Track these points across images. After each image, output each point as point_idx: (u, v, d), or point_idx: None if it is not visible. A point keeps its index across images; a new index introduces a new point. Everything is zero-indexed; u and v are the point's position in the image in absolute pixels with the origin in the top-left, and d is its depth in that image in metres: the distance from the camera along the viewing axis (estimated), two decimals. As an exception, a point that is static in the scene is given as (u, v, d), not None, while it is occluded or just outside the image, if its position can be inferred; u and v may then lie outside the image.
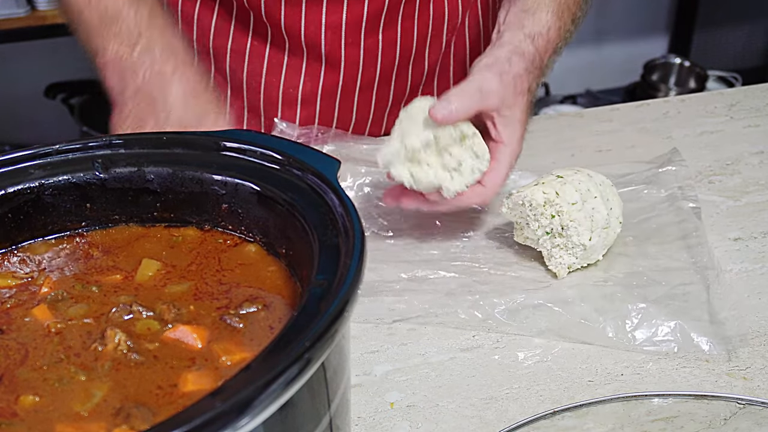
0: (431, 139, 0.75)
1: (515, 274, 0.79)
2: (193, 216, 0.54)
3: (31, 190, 0.52)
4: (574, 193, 0.77)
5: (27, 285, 0.50)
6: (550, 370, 0.68)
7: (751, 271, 0.79)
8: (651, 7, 3.05)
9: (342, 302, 0.38)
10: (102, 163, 0.53)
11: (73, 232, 0.54)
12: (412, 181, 0.77)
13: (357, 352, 0.70)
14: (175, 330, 0.45)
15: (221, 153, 0.53)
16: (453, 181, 0.76)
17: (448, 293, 0.76)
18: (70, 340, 0.45)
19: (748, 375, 0.66)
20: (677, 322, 0.70)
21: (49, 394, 0.41)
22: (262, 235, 0.52)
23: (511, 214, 0.80)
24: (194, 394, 0.41)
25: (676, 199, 0.86)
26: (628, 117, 1.10)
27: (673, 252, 0.80)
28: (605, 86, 2.97)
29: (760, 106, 1.11)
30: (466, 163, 0.76)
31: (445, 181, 0.76)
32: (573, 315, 0.72)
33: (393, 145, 0.76)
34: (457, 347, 0.71)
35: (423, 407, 0.65)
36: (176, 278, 0.50)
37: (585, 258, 0.78)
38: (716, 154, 0.99)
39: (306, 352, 0.35)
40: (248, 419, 0.33)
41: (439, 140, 0.75)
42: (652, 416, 0.60)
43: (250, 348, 0.44)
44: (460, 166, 0.76)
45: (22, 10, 2.13)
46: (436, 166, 0.76)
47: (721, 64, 2.96)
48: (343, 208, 0.45)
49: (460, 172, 0.76)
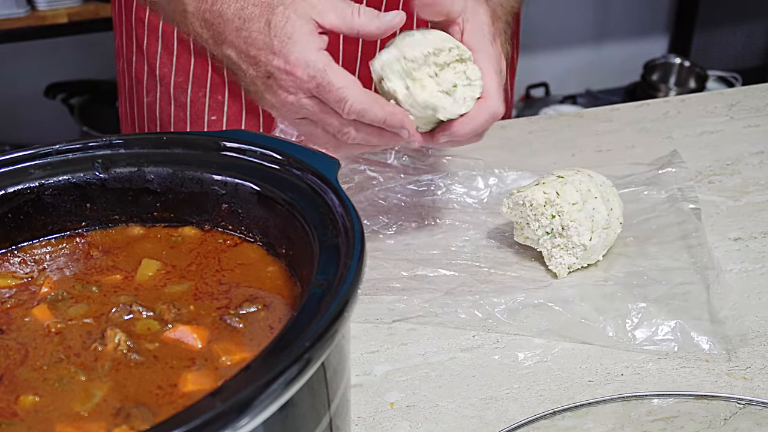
0: (431, 53, 0.71)
1: (515, 273, 0.79)
2: (193, 216, 0.54)
3: (31, 190, 0.52)
4: (574, 193, 0.77)
5: (27, 285, 0.50)
6: (550, 370, 0.68)
7: (751, 271, 0.79)
8: (651, 7, 3.06)
9: (342, 302, 0.38)
10: (102, 163, 0.53)
11: (73, 232, 0.54)
12: (408, 95, 0.71)
13: (357, 352, 0.70)
14: (175, 330, 0.45)
15: (221, 153, 0.53)
16: (449, 102, 0.72)
17: (448, 292, 0.76)
18: (70, 340, 0.45)
19: (748, 375, 0.66)
20: (677, 321, 0.70)
21: (49, 394, 0.41)
22: (262, 235, 0.52)
23: (512, 214, 0.80)
24: (194, 394, 0.41)
25: (676, 201, 0.86)
26: (628, 117, 1.11)
27: (674, 252, 0.80)
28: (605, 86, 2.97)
29: (760, 106, 1.11)
30: (460, 87, 0.73)
31: (442, 100, 0.72)
32: (573, 314, 0.73)
33: (390, 53, 0.71)
34: (457, 347, 0.71)
35: (423, 407, 0.65)
36: (176, 278, 0.50)
37: (585, 258, 0.78)
38: (716, 154, 1.00)
39: (306, 352, 0.35)
40: (248, 419, 0.33)
41: (438, 56, 0.72)
42: (652, 416, 0.60)
43: (250, 348, 0.44)
44: (455, 89, 0.73)
45: (22, 10, 2.13)
46: (432, 87, 0.72)
47: (721, 64, 2.96)
48: (343, 208, 0.45)
49: (454, 98, 0.73)
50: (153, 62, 1.02)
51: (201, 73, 1.00)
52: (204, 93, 1.01)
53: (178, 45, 1.00)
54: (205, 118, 1.02)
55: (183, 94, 1.02)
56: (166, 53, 1.01)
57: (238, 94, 1.00)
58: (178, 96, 1.02)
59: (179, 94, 1.02)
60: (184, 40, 0.99)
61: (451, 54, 0.72)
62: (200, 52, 0.99)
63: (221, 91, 1.00)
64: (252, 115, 1.00)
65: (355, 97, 0.67)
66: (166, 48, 1.01)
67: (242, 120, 1.01)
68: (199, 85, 1.01)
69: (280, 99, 0.70)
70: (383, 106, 0.69)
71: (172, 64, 1.01)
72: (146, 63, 1.03)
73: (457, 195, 0.90)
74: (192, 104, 1.02)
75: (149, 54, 1.02)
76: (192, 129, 1.05)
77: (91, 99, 2.45)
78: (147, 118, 1.07)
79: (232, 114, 1.01)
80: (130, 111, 1.10)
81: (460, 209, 0.88)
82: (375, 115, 0.68)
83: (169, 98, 1.03)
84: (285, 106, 0.70)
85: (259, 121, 1.01)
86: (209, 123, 1.02)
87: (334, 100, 0.67)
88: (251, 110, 1.00)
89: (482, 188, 0.91)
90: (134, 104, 1.09)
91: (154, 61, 1.02)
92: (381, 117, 0.69)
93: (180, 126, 1.04)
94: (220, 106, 1.01)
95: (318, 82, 0.67)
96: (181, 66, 1.00)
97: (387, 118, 0.69)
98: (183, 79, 1.01)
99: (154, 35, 1.01)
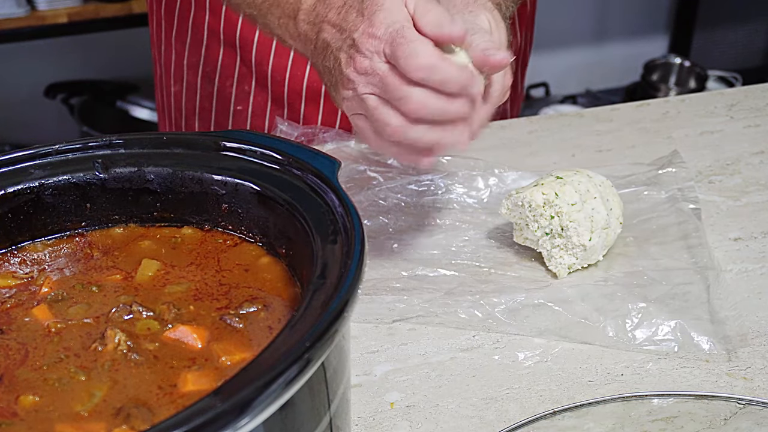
0: None
1: (515, 273, 0.79)
2: (193, 216, 0.54)
3: (31, 190, 0.52)
4: (573, 193, 0.77)
5: (27, 285, 0.50)
6: (550, 370, 0.68)
7: (751, 271, 0.79)
8: (651, 7, 3.06)
9: (342, 302, 0.38)
10: (102, 163, 0.53)
11: (73, 232, 0.54)
12: None
13: (357, 352, 0.70)
14: (175, 330, 0.45)
15: (221, 153, 0.53)
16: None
17: (448, 292, 0.76)
18: (70, 340, 0.45)
19: (748, 375, 0.66)
20: (677, 321, 0.70)
21: (49, 394, 0.41)
22: (262, 235, 0.52)
23: (511, 215, 0.80)
24: (194, 394, 0.41)
25: (676, 201, 0.86)
26: (628, 117, 1.11)
27: (674, 252, 0.80)
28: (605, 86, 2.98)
29: (760, 106, 1.11)
30: None
31: None
32: (573, 314, 0.73)
33: None
34: (457, 347, 0.71)
35: (423, 407, 0.65)
36: (176, 278, 0.50)
37: (585, 258, 0.78)
38: (716, 154, 1.00)
39: (306, 352, 0.35)
40: (248, 419, 0.33)
41: None
42: (652, 416, 0.60)
43: (250, 348, 0.44)
44: None
45: (22, 10, 2.13)
46: None
47: (721, 64, 2.96)
48: (343, 208, 0.45)
49: None
50: (181, 51, 1.03)
51: (229, 63, 1.00)
52: (231, 83, 1.02)
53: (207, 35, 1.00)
54: (231, 108, 1.02)
55: (210, 83, 1.02)
56: (195, 43, 1.02)
57: (264, 85, 1.00)
58: (205, 85, 1.03)
59: (206, 84, 1.02)
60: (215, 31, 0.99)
61: None
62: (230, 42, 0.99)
63: (248, 82, 1.00)
64: (277, 105, 1.00)
65: (428, 51, 0.64)
66: (195, 37, 1.01)
67: (267, 111, 1.01)
68: (227, 75, 1.01)
69: (356, 67, 0.67)
70: (453, 65, 0.66)
71: (201, 54, 1.02)
72: (174, 52, 1.04)
73: (457, 195, 0.90)
74: (218, 93, 1.03)
75: (177, 43, 1.03)
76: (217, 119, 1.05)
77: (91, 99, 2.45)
78: (174, 107, 1.08)
79: (257, 104, 1.01)
80: (164, 99, 1.11)
81: (460, 209, 0.88)
82: (446, 71, 0.65)
83: (195, 88, 1.04)
84: (359, 78, 0.67)
85: (284, 112, 1.01)
86: (234, 113, 1.03)
87: (404, 55, 0.64)
88: (276, 100, 1.00)
89: (482, 188, 0.91)
90: (164, 92, 1.10)
91: (182, 50, 1.03)
92: (452, 74, 0.65)
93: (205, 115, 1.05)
94: (246, 96, 1.01)
95: (393, 37, 0.65)
96: (209, 56, 1.01)
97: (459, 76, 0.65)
98: (211, 69, 1.02)
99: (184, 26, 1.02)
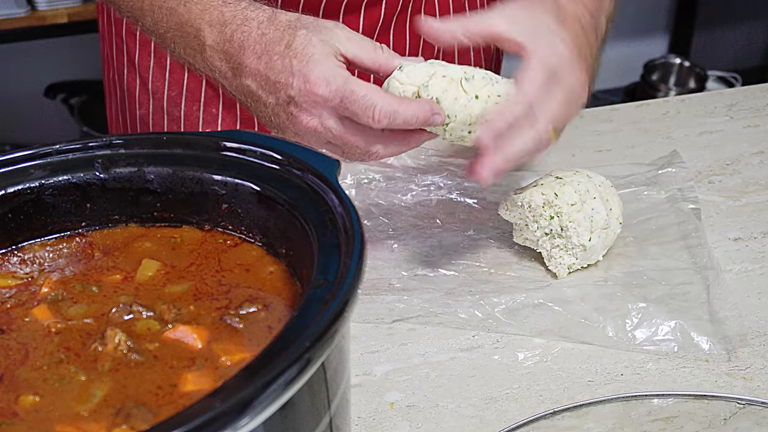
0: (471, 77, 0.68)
1: (515, 273, 0.79)
2: (193, 216, 0.54)
3: (31, 190, 0.52)
4: (573, 194, 0.77)
5: (27, 285, 0.50)
6: (550, 370, 0.68)
7: (751, 271, 0.79)
8: (651, 7, 3.05)
9: (342, 302, 0.38)
10: (102, 163, 0.53)
11: (73, 232, 0.54)
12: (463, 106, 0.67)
13: (357, 352, 0.70)
14: (175, 330, 0.45)
15: (221, 153, 0.53)
16: None
17: (448, 292, 0.76)
18: (70, 340, 0.45)
19: (748, 375, 0.66)
20: (677, 321, 0.70)
21: (49, 394, 0.41)
22: (262, 235, 0.52)
23: (510, 216, 0.80)
24: (194, 394, 0.41)
25: (676, 201, 0.86)
26: (628, 117, 1.10)
27: (673, 252, 0.80)
28: (605, 86, 2.97)
29: (760, 106, 1.11)
30: None
31: None
32: (573, 314, 0.73)
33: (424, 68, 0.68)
34: (457, 347, 0.71)
35: (423, 407, 0.65)
36: (176, 278, 0.50)
37: (585, 258, 0.78)
38: (716, 154, 0.99)
39: (306, 352, 0.35)
40: (248, 419, 0.33)
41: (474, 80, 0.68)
42: (652, 416, 0.60)
43: (250, 348, 0.44)
44: None
45: (22, 10, 2.13)
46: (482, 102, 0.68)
47: (721, 64, 2.96)
48: (343, 208, 0.45)
49: None
50: (145, 76, 1.01)
51: (194, 87, 0.98)
52: (198, 107, 1.00)
53: (170, 59, 0.98)
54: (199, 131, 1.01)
55: (176, 107, 1.00)
56: (159, 67, 1.00)
57: (232, 106, 0.99)
58: (172, 110, 1.01)
59: (172, 108, 1.01)
60: None
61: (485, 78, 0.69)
62: None
63: (215, 104, 0.99)
64: (246, 126, 1.00)
65: (383, 100, 0.64)
66: (159, 62, 0.99)
67: None
68: (193, 99, 0.99)
69: (303, 125, 0.67)
70: (409, 102, 0.66)
71: (165, 78, 0.99)
72: (138, 76, 1.02)
73: (457, 195, 0.90)
74: (186, 118, 1.01)
75: (141, 68, 1.01)
76: None
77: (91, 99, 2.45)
78: (139, 129, 1.06)
79: (226, 127, 1.00)
80: (122, 120, 1.08)
81: (460, 209, 0.88)
82: (407, 112, 0.65)
83: (162, 112, 1.02)
84: (309, 132, 0.68)
85: None
86: None
87: (362, 109, 0.64)
88: (246, 122, 1.00)
89: (482, 188, 0.91)
90: (126, 115, 1.07)
91: (146, 75, 1.01)
92: (412, 113, 0.65)
93: None
94: (214, 119, 1.00)
95: (341, 96, 0.64)
96: (174, 80, 0.99)
97: (418, 111, 0.65)
98: (176, 93, 1.00)
99: (146, 49, 1.00)
